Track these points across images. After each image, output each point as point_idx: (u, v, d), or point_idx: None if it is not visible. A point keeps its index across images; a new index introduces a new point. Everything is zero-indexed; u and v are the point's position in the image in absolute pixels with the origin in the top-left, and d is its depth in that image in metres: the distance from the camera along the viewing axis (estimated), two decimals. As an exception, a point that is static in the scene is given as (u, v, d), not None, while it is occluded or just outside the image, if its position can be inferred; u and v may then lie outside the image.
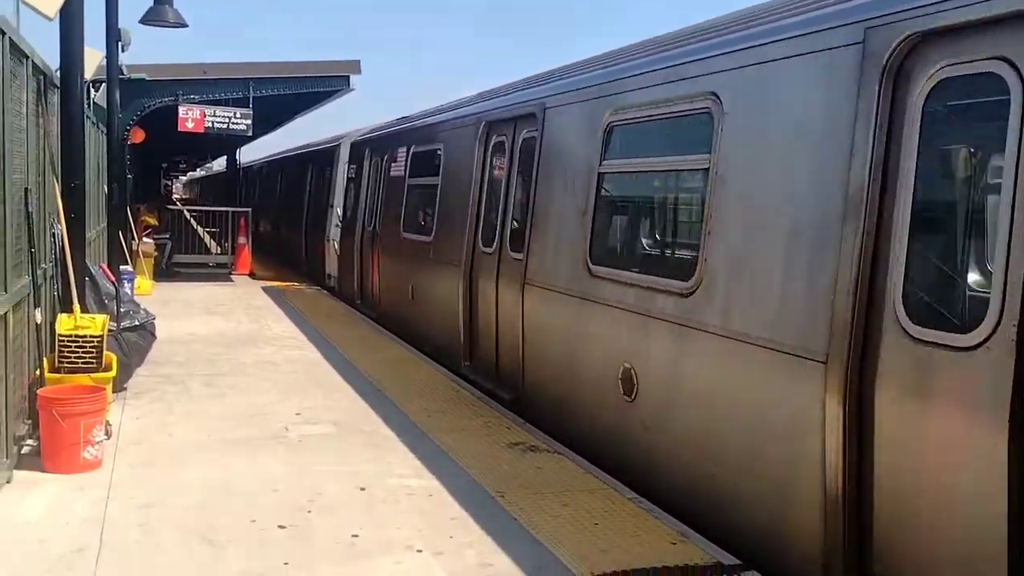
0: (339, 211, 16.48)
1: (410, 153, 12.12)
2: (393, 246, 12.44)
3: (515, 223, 8.50)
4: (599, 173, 6.84)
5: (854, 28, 4.35)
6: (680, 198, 6.66)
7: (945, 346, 3.76)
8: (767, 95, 5.05)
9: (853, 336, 4.11)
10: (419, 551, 4.77)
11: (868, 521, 4.12)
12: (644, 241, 7.16)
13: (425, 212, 11.29)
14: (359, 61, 18.18)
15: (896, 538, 4.00)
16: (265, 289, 16.96)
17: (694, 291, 5.43)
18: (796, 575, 4.48)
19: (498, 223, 8.77)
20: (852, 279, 4.16)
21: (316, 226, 18.80)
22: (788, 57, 4.86)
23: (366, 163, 14.55)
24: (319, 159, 19.71)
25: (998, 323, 3.53)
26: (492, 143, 9.25)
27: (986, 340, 3.57)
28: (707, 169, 5.47)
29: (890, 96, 4.13)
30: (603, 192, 6.87)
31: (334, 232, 16.71)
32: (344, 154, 16.88)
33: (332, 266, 17.08)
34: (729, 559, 4.79)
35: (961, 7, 3.77)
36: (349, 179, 15.96)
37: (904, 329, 3.95)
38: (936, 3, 3.90)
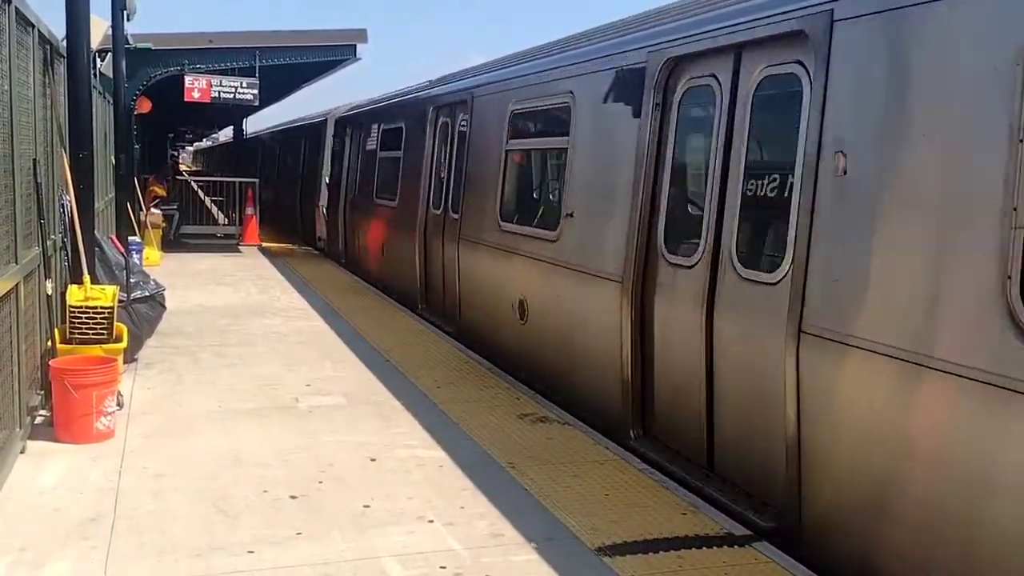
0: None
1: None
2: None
3: (455, 190, 10.26)
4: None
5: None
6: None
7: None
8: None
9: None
10: (430, 521, 4.80)
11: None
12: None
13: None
14: (366, 30, 18.01)
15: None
16: (272, 260, 16.96)
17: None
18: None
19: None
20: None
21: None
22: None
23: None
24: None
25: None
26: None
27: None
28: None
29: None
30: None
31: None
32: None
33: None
34: (740, 530, 4.81)
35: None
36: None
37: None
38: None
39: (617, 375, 6.39)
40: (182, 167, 51.90)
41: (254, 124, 35.35)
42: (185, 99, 16.62)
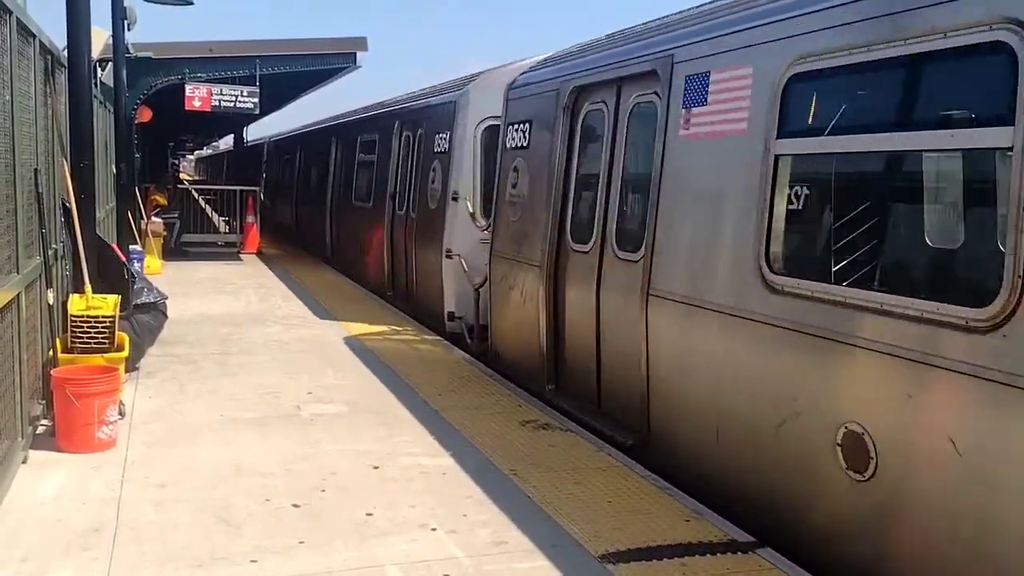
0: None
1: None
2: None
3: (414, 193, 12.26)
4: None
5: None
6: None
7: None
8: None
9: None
10: (433, 529, 4.79)
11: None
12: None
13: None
14: (365, 38, 18.05)
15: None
16: (273, 268, 16.97)
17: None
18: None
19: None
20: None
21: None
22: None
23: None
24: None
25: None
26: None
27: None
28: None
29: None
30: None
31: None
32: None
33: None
34: (743, 536, 4.79)
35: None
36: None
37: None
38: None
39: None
40: (182, 176, 51.90)
41: (254, 132, 35.38)
42: (186, 108, 16.66)
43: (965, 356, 3.74)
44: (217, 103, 16.72)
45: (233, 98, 16.93)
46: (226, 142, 46.96)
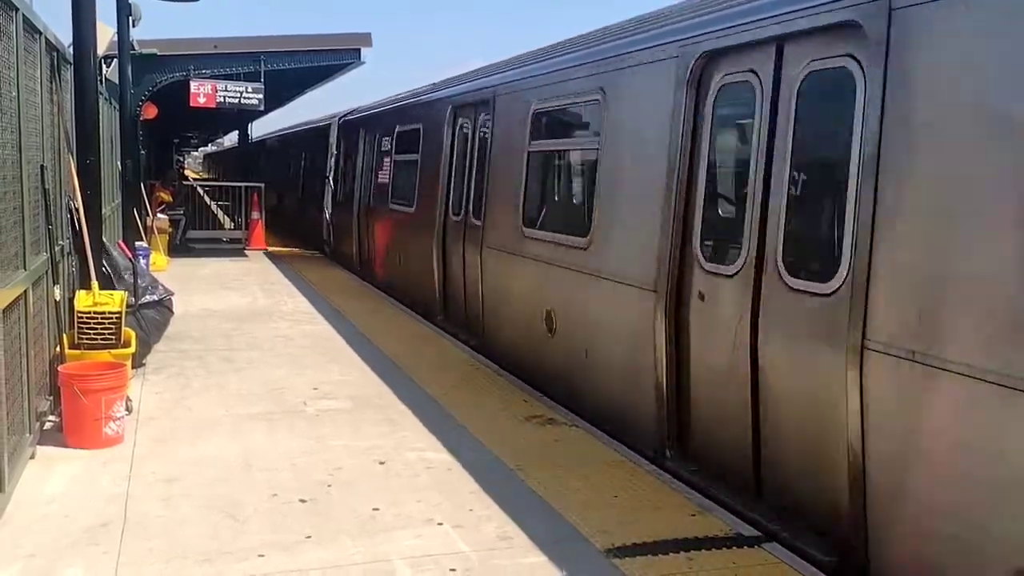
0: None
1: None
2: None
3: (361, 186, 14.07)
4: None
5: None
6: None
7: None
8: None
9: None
10: (439, 524, 4.80)
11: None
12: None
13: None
14: (370, 34, 18.05)
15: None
16: (278, 264, 16.99)
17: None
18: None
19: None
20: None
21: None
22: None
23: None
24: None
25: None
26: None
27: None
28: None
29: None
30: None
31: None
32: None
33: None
34: (749, 531, 4.80)
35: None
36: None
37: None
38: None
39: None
40: (188, 173, 51.88)
41: (259, 129, 35.38)
42: (191, 104, 16.66)
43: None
44: (222, 99, 16.73)
45: (238, 94, 16.94)
46: (231, 138, 46.82)
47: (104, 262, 7.52)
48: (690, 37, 5.88)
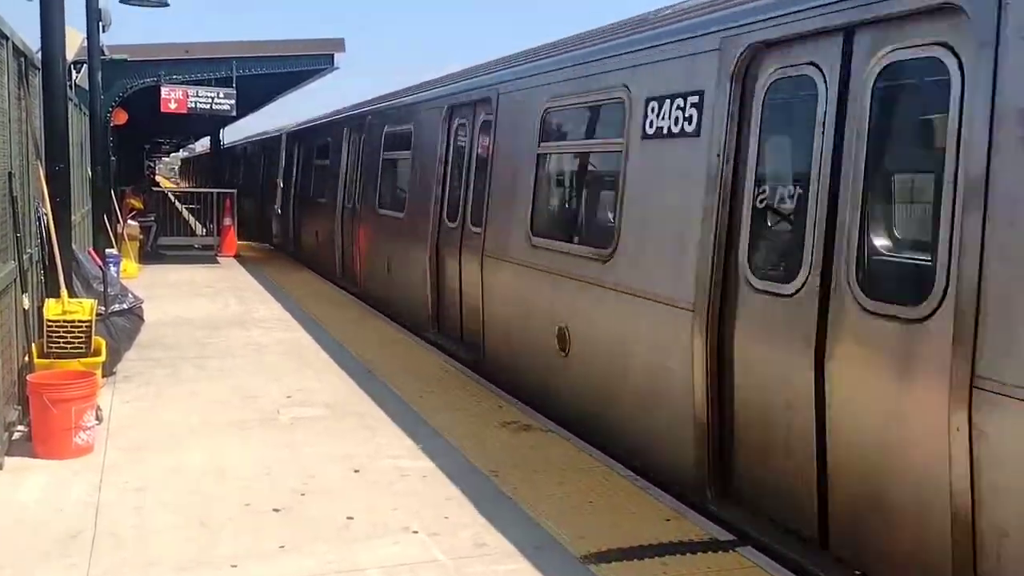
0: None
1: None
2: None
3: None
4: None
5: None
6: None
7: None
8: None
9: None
10: (415, 532, 4.78)
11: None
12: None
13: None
14: (343, 39, 17.98)
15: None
16: (251, 270, 16.88)
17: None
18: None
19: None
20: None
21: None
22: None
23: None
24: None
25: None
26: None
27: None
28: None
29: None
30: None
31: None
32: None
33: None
34: (724, 535, 4.82)
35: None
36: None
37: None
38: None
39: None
40: (159, 179, 51.41)
41: (231, 134, 35.10)
42: (162, 110, 16.52)
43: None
44: (193, 105, 16.59)
45: (209, 100, 16.81)
46: (203, 143, 46.53)
47: (75, 271, 7.44)
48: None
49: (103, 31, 13.35)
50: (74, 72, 13.01)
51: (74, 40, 11.90)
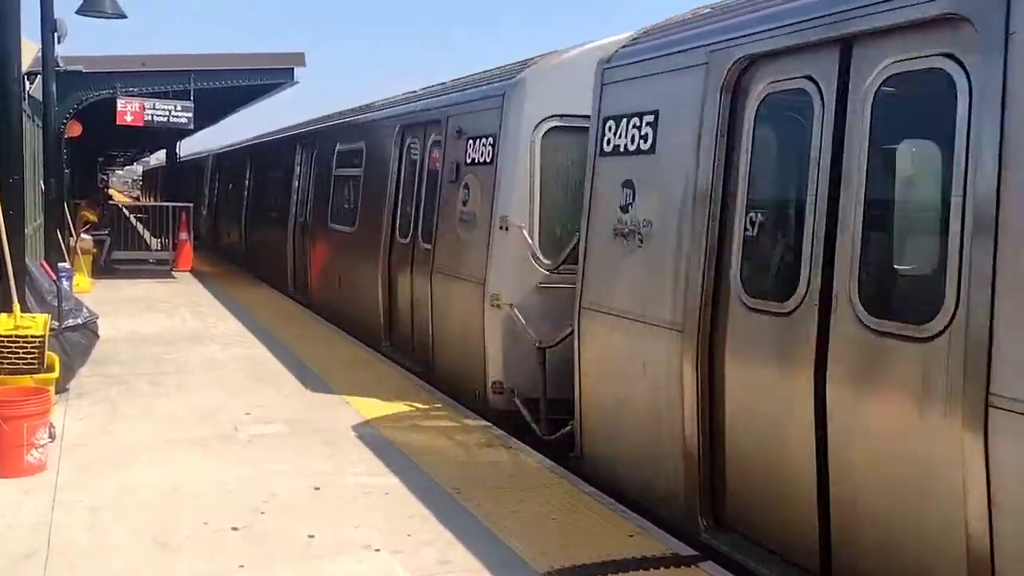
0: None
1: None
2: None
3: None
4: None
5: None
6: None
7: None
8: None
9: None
10: (377, 550, 4.74)
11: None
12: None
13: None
14: (303, 54, 17.86)
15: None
16: (207, 285, 16.67)
17: None
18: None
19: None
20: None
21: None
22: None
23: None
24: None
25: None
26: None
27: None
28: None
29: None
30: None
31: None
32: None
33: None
34: (686, 550, 4.85)
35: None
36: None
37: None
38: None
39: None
40: (113, 192, 50.65)
41: (188, 147, 34.70)
42: (117, 122, 16.30)
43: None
44: (150, 118, 16.36)
45: (166, 113, 16.60)
46: (157, 157, 45.90)
47: (27, 285, 7.29)
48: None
49: (58, 42, 13.17)
50: (28, 83, 12.80)
51: (28, 51, 11.72)
